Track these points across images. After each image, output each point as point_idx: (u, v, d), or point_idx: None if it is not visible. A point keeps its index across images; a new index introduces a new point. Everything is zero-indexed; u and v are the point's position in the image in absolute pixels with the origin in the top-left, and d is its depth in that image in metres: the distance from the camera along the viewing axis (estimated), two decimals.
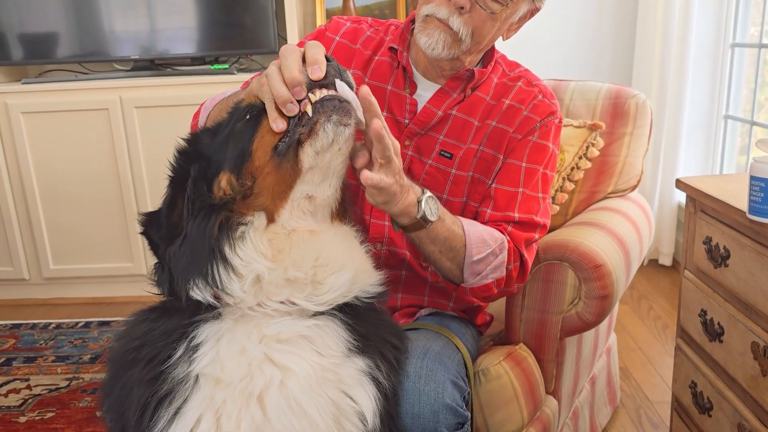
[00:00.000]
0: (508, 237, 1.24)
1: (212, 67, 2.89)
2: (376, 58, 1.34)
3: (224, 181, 0.94)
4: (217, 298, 0.93)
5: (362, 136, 0.98)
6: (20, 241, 2.95)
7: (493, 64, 1.33)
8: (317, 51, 0.92)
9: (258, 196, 0.94)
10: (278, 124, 0.91)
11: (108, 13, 2.90)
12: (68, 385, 2.26)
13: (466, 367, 1.23)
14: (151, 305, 1.01)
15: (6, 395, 2.21)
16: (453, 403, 1.09)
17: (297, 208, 0.95)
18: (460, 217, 1.22)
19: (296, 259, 0.93)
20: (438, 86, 1.30)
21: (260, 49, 2.88)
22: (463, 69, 1.28)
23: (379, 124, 0.92)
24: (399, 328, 1.12)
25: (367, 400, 0.93)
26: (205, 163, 0.97)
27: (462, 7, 1.15)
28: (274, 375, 0.89)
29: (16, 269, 2.98)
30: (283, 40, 2.88)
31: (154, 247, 1.00)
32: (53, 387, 2.25)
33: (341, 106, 0.91)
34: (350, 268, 0.96)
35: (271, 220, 0.94)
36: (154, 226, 0.99)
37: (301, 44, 1.39)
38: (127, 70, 2.98)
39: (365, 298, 1.00)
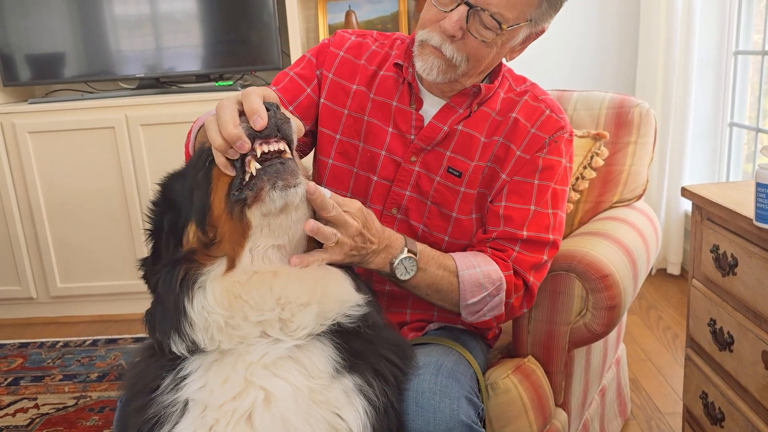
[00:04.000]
0: (511, 268, 1.23)
1: (217, 84, 2.90)
2: (381, 73, 1.32)
3: (191, 234, 0.98)
4: (198, 348, 0.95)
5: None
6: (27, 260, 2.96)
7: (500, 79, 1.31)
8: (254, 100, 0.92)
9: (220, 243, 0.96)
10: (228, 171, 0.94)
11: (114, 32, 2.93)
12: (76, 404, 2.26)
13: (478, 383, 1.23)
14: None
15: (14, 415, 2.21)
16: (468, 420, 1.08)
17: (263, 254, 0.97)
18: (458, 257, 1.22)
19: (254, 304, 0.94)
20: (444, 101, 1.29)
21: (264, 65, 2.90)
22: (466, 87, 1.26)
23: (312, 224, 0.96)
24: (402, 344, 1.10)
25: (355, 416, 0.93)
26: (176, 213, 1.01)
27: (453, 36, 1.14)
28: (258, 397, 0.91)
29: (23, 288, 2.99)
30: (287, 56, 2.90)
31: (152, 290, 1.05)
32: (61, 406, 2.25)
33: (285, 167, 0.91)
34: (314, 305, 0.96)
35: (231, 266, 0.96)
36: (148, 272, 1.05)
37: (302, 59, 1.40)
38: (132, 89, 3.01)
39: (350, 322, 0.99)
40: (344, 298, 1.00)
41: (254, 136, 0.90)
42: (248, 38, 2.91)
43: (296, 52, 2.81)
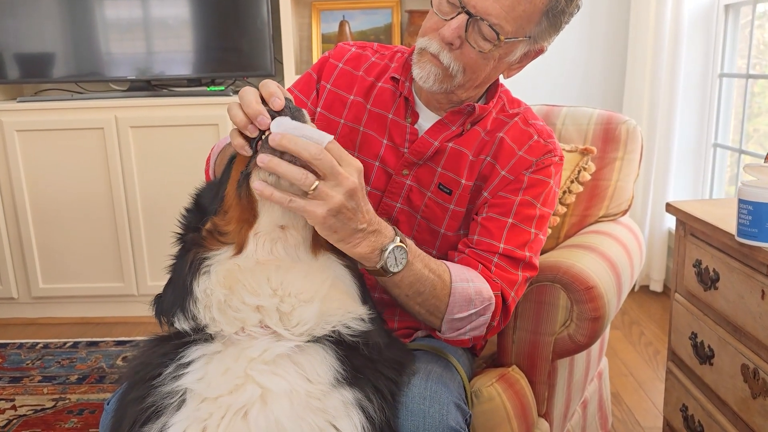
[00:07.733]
0: (500, 288, 1.19)
1: (208, 89, 2.91)
2: (379, 84, 1.33)
3: (209, 224, 1.01)
4: (201, 327, 0.97)
5: None
6: (9, 259, 2.93)
7: (495, 100, 1.31)
8: (271, 85, 0.95)
9: (229, 226, 0.98)
10: (244, 151, 0.94)
11: (105, 35, 2.93)
12: (54, 406, 2.23)
13: (465, 390, 1.23)
14: (161, 334, 1.06)
15: None
16: (457, 426, 1.08)
17: (267, 240, 0.98)
18: (453, 267, 1.16)
19: (250, 286, 0.95)
20: (439, 117, 1.30)
21: (257, 71, 2.91)
22: (463, 104, 1.26)
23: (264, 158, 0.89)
24: (404, 360, 1.10)
25: (352, 429, 0.92)
26: (203, 214, 1.05)
27: (451, 44, 1.15)
28: (255, 393, 0.90)
29: (4, 287, 2.96)
30: (279, 63, 2.91)
31: None
32: (39, 408, 2.22)
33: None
34: (316, 302, 0.96)
35: (238, 251, 0.98)
36: None
37: (305, 75, 1.41)
38: (123, 90, 3.00)
39: (350, 334, 0.99)
40: (348, 306, 1.00)
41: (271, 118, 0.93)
42: (241, 44, 2.92)
43: (289, 59, 2.82)
